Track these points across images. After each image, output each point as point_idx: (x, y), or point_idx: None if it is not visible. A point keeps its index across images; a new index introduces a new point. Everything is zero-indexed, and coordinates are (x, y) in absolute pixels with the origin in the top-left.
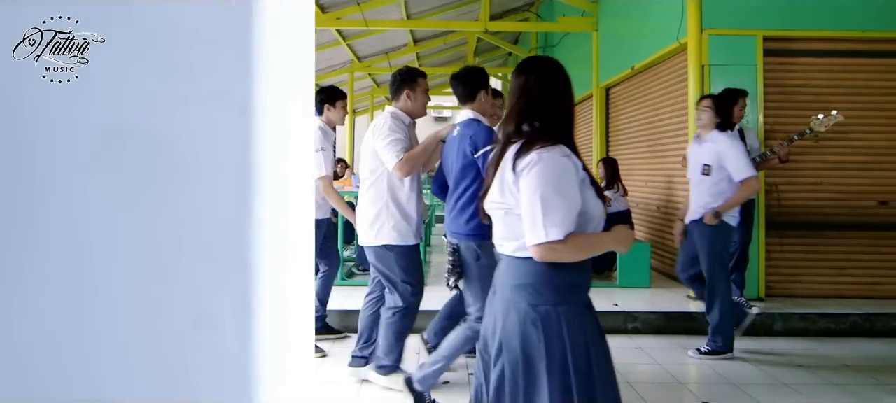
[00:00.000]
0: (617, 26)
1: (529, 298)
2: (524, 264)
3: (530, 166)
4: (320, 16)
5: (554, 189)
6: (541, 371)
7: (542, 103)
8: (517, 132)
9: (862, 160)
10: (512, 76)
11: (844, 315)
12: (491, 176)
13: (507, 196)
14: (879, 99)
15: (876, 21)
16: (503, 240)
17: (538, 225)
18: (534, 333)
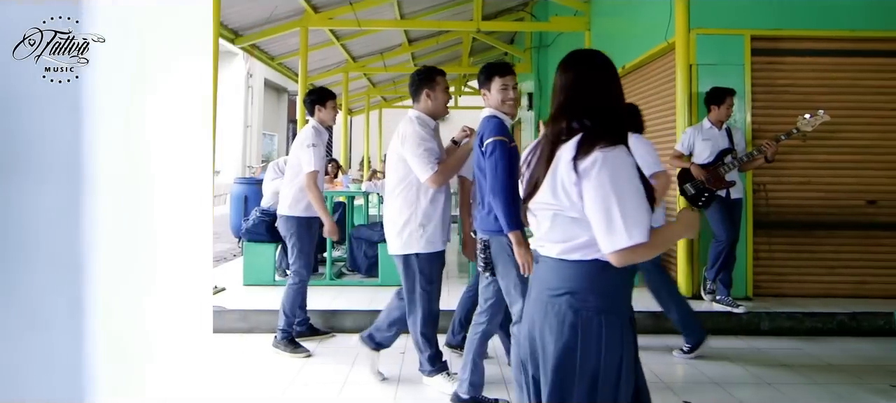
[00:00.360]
0: (608, 26)
1: (573, 303)
2: (569, 267)
3: (597, 167)
4: (312, 16)
5: (628, 189)
6: (572, 377)
7: (594, 99)
8: (569, 130)
9: (850, 159)
10: (557, 71)
11: (831, 314)
12: (540, 174)
13: (561, 197)
14: (868, 98)
15: (864, 20)
16: (547, 242)
17: (618, 230)
18: (572, 339)
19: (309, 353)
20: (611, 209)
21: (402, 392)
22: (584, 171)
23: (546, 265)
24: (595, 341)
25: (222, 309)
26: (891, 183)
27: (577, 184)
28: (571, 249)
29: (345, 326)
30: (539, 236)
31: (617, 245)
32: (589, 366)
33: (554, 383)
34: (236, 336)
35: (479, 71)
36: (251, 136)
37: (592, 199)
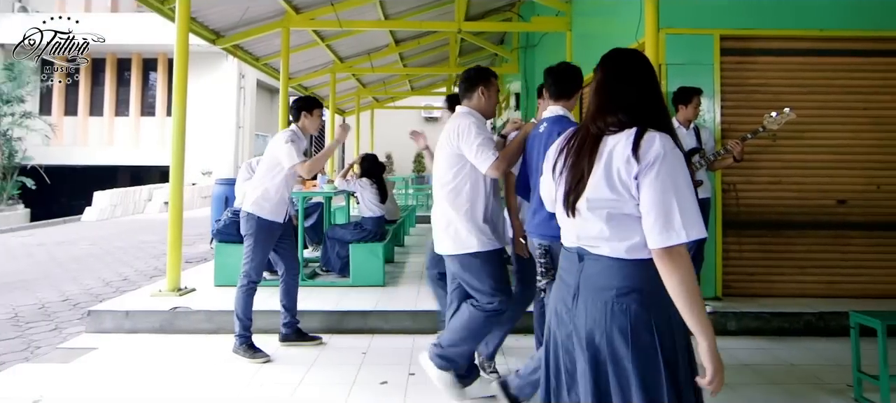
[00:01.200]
0: (588, 26)
1: (643, 301)
2: (635, 266)
3: (660, 161)
4: (293, 16)
5: (688, 186)
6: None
7: (639, 93)
8: (619, 123)
9: (820, 159)
10: (596, 69)
11: (799, 314)
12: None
13: (621, 191)
14: (838, 97)
15: (834, 20)
16: (603, 242)
17: (675, 226)
18: (648, 337)
19: (268, 358)
20: (671, 204)
21: (355, 395)
22: (646, 165)
23: (602, 264)
24: (669, 336)
25: (187, 310)
26: (861, 182)
27: (637, 176)
28: (636, 248)
29: (311, 326)
30: (590, 236)
31: (671, 241)
32: (669, 361)
33: (641, 383)
34: (201, 337)
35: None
36: (243, 137)
37: (654, 192)
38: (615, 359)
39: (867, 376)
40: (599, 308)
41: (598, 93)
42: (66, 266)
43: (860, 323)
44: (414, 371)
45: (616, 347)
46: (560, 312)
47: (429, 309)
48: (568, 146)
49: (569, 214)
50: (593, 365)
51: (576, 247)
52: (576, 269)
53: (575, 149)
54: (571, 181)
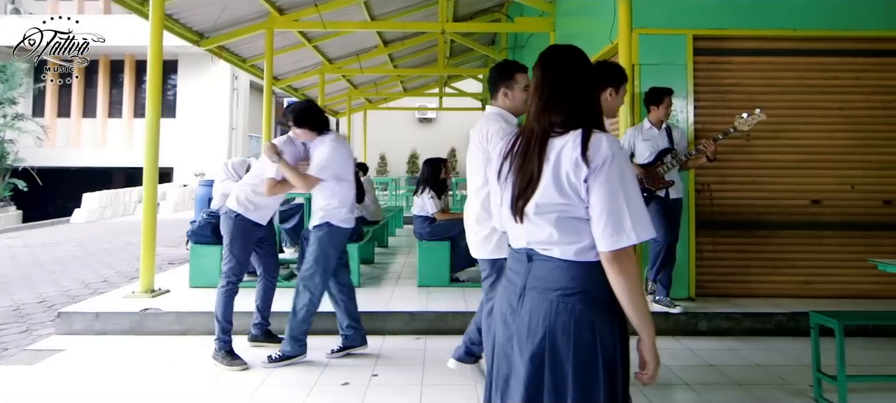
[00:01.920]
0: (570, 26)
1: (588, 301)
2: (582, 267)
3: (609, 163)
4: (277, 18)
5: (635, 188)
6: (595, 374)
7: (579, 93)
8: (563, 123)
9: (794, 159)
10: (535, 66)
11: (770, 314)
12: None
13: (570, 195)
14: (812, 97)
15: (807, 19)
16: (553, 245)
17: (625, 228)
18: (590, 337)
19: (245, 366)
20: (620, 206)
21: (314, 396)
22: (595, 167)
23: (550, 265)
24: (610, 337)
25: (157, 312)
26: (835, 182)
27: (586, 179)
28: (585, 250)
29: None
30: (538, 240)
31: (621, 243)
32: (608, 362)
33: (578, 384)
34: (170, 339)
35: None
36: (237, 138)
37: (604, 195)
38: (555, 358)
39: (826, 376)
40: (544, 307)
41: (539, 91)
42: (48, 267)
43: (820, 324)
44: (377, 372)
45: (557, 346)
46: (505, 314)
47: (400, 310)
48: (513, 149)
49: (517, 219)
50: (532, 365)
51: (525, 249)
52: (524, 270)
53: (521, 152)
54: (520, 185)
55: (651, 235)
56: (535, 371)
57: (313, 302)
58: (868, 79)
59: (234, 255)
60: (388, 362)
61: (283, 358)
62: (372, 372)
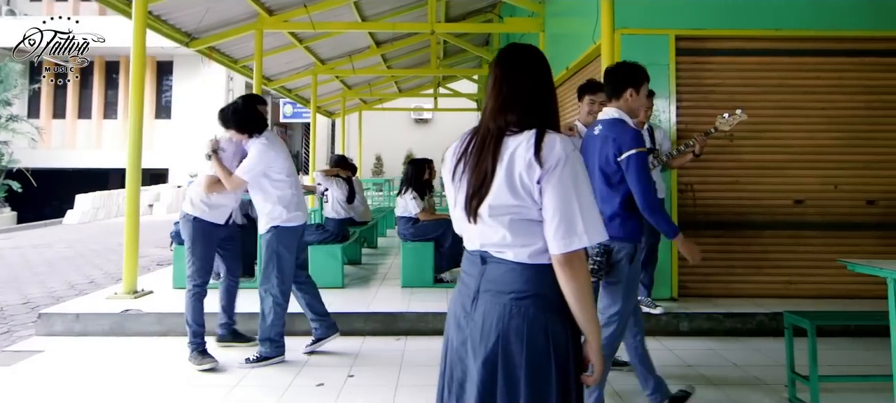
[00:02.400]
0: (559, 26)
1: (541, 305)
2: (535, 270)
3: (562, 165)
4: (267, 18)
5: (587, 188)
6: (548, 377)
7: (536, 92)
8: (518, 123)
9: (777, 159)
10: (492, 64)
11: (751, 314)
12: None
13: (523, 196)
14: (794, 97)
15: (789, 19)
16: (506, 248)
17: (577, 231)
18: (543, 340)
19: (215, 365)
20: (573, 209)
21: (288, 397)
22: (549, 169)
23: (504, 268)
24: (563, 341)
25: (138, 313)
26: (818, 182)
27: (540, 181)
28: (538, 253)
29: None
30: (492, 242)
31: (573, 246)
32: (561, 366)
33: (530, 389)
34: (150, 340)
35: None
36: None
37: (557, 197)
38: (508, 363)
39: (799, 376)
40: (498, 311)
41: (496, 89)
42: (36, 269)
43: (793, 324)
44: (354, 373)
45: (511, 350)
46: (459, 317)
47: (382, 310)
48: (467, 148)
49: (470, 220)
50: (485, 370)
51: (479, 251)
52: (477, 272)
53: (476, 151)
54: (474, 185)
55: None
56: (488, 375)
57: (278, 305)
58: (851, 79)
59: (196, 258)
60: (365, 362)
61: (260, 359)
62: (348, 373)
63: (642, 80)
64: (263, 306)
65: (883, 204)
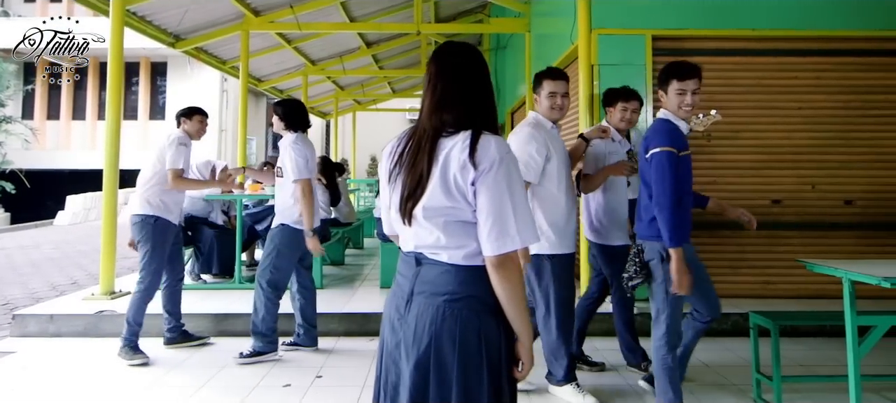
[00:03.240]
0: (543, 27)
1: (475, 306)
2: (470, 272)
3: (496, 166)
4: (252, 19)
5: (520, 190)
6: (479, 379)
7: (473, 91)
8: (455, 123)
9: (755, 159)
10: (432, 62)
11: (726, 314)
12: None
13: (457, 198)
14: (772, 97)
15: (766, 19)
16: (441, 250)
17: (510, 232)
18: (476, 342)
19: (146, 360)
20: (506, 210)
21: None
22: (483, 170)
23: (438, 269)
24: (496, 343)
25: (112, 314)
26: (795, 182)
27: (473, 182)
28: (473, 254)
29: (235, 330)
30: (427, 244)
31: (506, 247)
32: (493, 368)
33: (462, 391)
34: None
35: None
36: (226, 140)
37: (490, 199)
38: (440, 365)
39: (764, 377)
40: (431, 313)
41: (432, 88)
42: (21, 270)
43: (758, 324)
44: (322, 374)
45: (443, 353)
46: (393, 319)
47: (358, 311)
48: (404, 149)
49: (405, 221)
50: (417, 372)
51: (413, 252)
52: (412, 274)
53: (411, 152)
54: (410, 186)
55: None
56: (420, 378)
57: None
58: (828, 79)
59: (154, 259)
60: (336, 363)
61: (253, 355)
62: (317, 374)
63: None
64: (256, 298)
65: (860, 204)
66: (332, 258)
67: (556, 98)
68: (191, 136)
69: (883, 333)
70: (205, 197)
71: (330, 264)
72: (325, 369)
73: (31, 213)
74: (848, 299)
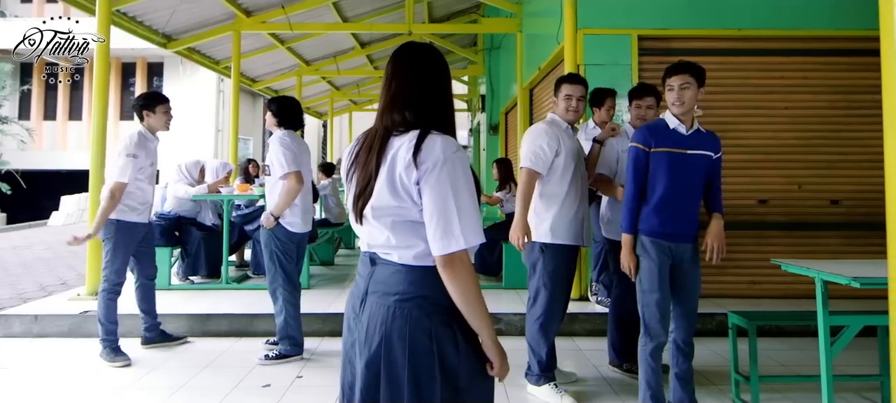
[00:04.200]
0: (534, 27)
1: (425, 306)
2: (420, 272)
3: (439, 166)
4: (244, 20)
5: (467, 190)
6: (432, 382)
7: (427, 91)
8: (404, 122)
9: (741, 159)
10: (390, 61)
11: (711, 315)
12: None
13: (403, 197)
14: (758, 97)
15: (751, 19)
16: (392, 249)
17: (454, 232)
18: (427, 343)
19: (128, 362)
20: (450, 210)
21: (231, 397)
22: (426, 169)
23: (390, 269)
24: (451, 343)
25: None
26: (782, 182)
27: (417, 183)
28: (423, 255)
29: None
30: (378, 244)
31: (451, 247)
32: (448, 368)
33: (414, 391)
34: None
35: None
36: (223, 140)
37: (434, 198)
38: (390, 365)
39: (742, 377)
40: (382, 313)
41: (386, 87)
42: (11, 270)
43: (736, 324)
44: (303, 374)
45: (394, 353)
46: (349, 319)
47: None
48: (359, 148)
49: (357, 221)
50: (368, 372)
51: (368, 252)
52: (367, 273)
53: (364, 151)
54: (360, 185)
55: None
56: (372, 378)
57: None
58: (814, 79)
59: (116, 259)
60: (318, 363)
61: (279, 357)
62: (297, 374)
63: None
64: (275, 305)
65: (847, 204)
66: (322, 258)
67: (572, 101)
68: (154, 130)
69: (855, 333)
70: (192, 197)
71: (320, 264)
72: (306, 369)
73: (28, 214)
74: (820, 299)
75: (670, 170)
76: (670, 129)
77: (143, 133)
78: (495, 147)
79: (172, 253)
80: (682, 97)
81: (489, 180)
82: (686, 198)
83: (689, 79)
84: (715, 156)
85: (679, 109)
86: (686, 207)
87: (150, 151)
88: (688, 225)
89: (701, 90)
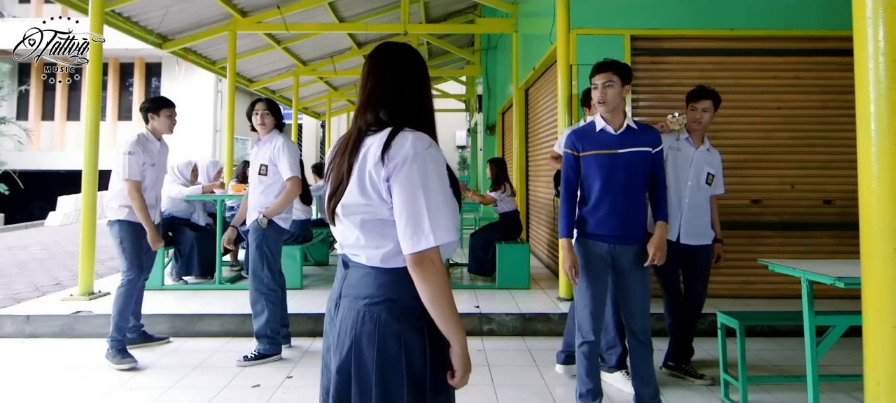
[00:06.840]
0: (529, 27)
1: (394, 310)
2: (388, 274)
3: (408, 163)
4: (240, 20)
5: (438, 186)
6: (400, 387)
7: (403, 91)
8: (377, 122)
9: (734, 159)
10: (366, 61)
11: (704, 315)
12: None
13: (371, 195)
14: (751, 97)
15: (744, 19)
16: (361, 251)
17: (424, 230)
18: (395, 347)
19: (135, 364)
20: (420, 207)
21: (220, 397)
22: (395, 166)
23: (361, 272)
24: (418, 348)
25: (89, 314)
26: (775, 182)
27: (387, 180)
28: (391, 255)
29: (211, 330)
30: (349, 243)
31: (420, 245)
32: (415, 374)
33: (382, 393)
34: (99, 341)
35: None
36: (221, 141)
37: (403, 195)
38: (360, 370)
39: (731, 377)
40: (352, 317)
41: (362, 87)
42: (6, 271)
43: (725, 324)
44: (293, 374)
45: (363, 357)
46: (326, 323)
47: None
48: (337, 150)
49: (330, 220)
50: (340, 377)
51: (342, 254)
52: (341, 276)
53: (340, 151)
54: (333, 185)
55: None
56: (343, 382)
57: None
58: (807, 79)
59: (127, 256)
60: (308, 363)
61: (258, 357)
62: (288, 375)
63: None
64: (256, 305)
65: (840, 204)
66: (317, 258)
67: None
68: (158, 133)
69: (841, 333)
70: (185, 197)
71: (314, 264)
72: (296, 369)
73: (25, 214)
74: (806, 299)
75: (602, 173)
76: (598, 131)
77: (143, 134)
78: (492, 147)
79: (166, 254)
80: (605, 96)
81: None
82: (625, 199)
83: (612, 77)
84: (654, 150)
85: (602, 109)
86: (626, 208)
87: (151, 152)
88: (629, 227)
89: (626, 88)
